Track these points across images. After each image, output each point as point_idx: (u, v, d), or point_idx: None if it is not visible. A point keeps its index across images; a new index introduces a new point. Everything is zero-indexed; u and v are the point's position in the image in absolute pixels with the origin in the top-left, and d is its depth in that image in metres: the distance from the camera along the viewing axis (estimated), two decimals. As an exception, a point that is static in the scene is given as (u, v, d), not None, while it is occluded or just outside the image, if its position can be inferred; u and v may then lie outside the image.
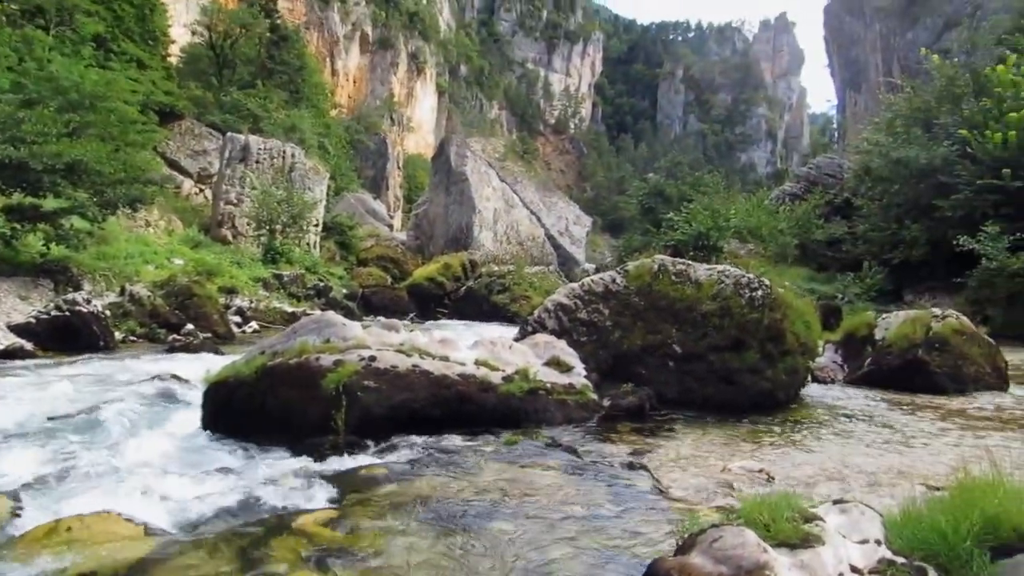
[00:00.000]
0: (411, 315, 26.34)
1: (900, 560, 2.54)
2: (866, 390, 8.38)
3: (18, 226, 14.22)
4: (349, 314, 22.31)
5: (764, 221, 28.03)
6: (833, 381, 8.97)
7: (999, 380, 8.56)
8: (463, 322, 23.85)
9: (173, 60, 39.12)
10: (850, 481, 4.45)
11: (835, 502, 3.01)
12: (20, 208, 14.08)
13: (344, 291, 27.98)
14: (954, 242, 19.29)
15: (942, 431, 6.00)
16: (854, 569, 2.54)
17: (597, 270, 40.56)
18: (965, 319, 9.02)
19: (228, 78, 41.53)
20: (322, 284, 26.45)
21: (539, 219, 46.43)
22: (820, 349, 8.77)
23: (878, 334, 9.18)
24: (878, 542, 2.67)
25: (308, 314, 20.90)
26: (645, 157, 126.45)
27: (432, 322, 23.72)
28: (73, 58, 23.27)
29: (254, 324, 18.50)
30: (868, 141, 26.19)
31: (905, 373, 8.38)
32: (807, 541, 2.64)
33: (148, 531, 3.40)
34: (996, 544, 2.45)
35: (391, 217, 61.71)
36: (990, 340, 8.99)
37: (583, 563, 3.11)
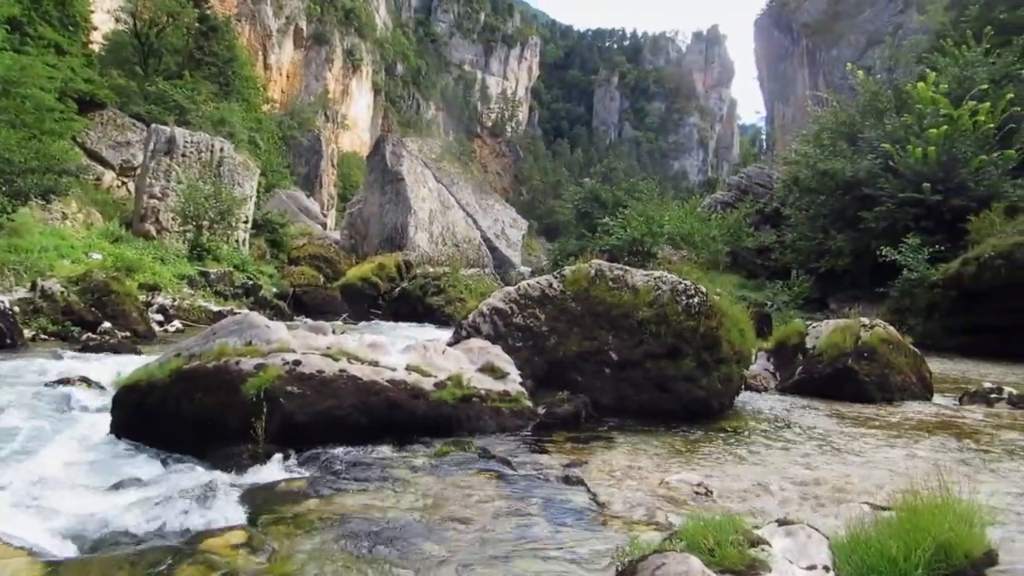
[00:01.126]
0: (344, 316, 25.75)
1: (850, 587, 2.42)
2: (798, 398, 8.44)
3: (-83, 215, 13.26)
4: (279, 314, 21.66)
5: (697, 228, 28.48)
6: (766, 389, 9.02)
7: (924, 389, 8.75)
8: (397, 324, 23.42)
9: (95, 47, 37.32)
10: (788, 494, 4.38)
11: (780, 523, 2.89)
12: (-81, 196, 13.13)
13: (274, 290, 27.17)
14: (877, 253, 19.92)
15: (875, 441, 6.03)
16: (803, 597, 2.41)
17: (533, 273, 40.63)
18: (892, 329, 9.21)
19: (154, 68, 39.90)
20: (251, 283, 25.58)
21: (475, 221, 46.23)
22: (753, 357, 8.80)
23: (809, 343, 9.28)
24: (826, 568, 2.56)
25: (236, 313, 20.26)
26: (581, 162, 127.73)
27: (365, 323, 23.22)
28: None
29: (177, 323, 17.69)
30: (796, 152, 26.90)
31: (835, 382, 8.48)
32: (753, 568, 2.51)
33: (32, 555, 3.04)
34: (948, 572, 2.36)
35: (325, 215, 60.52)
36: (915, 350, 9.19)
37: (518, 588, 2.91)
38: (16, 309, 12.85)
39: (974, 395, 8.53)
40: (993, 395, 8.36)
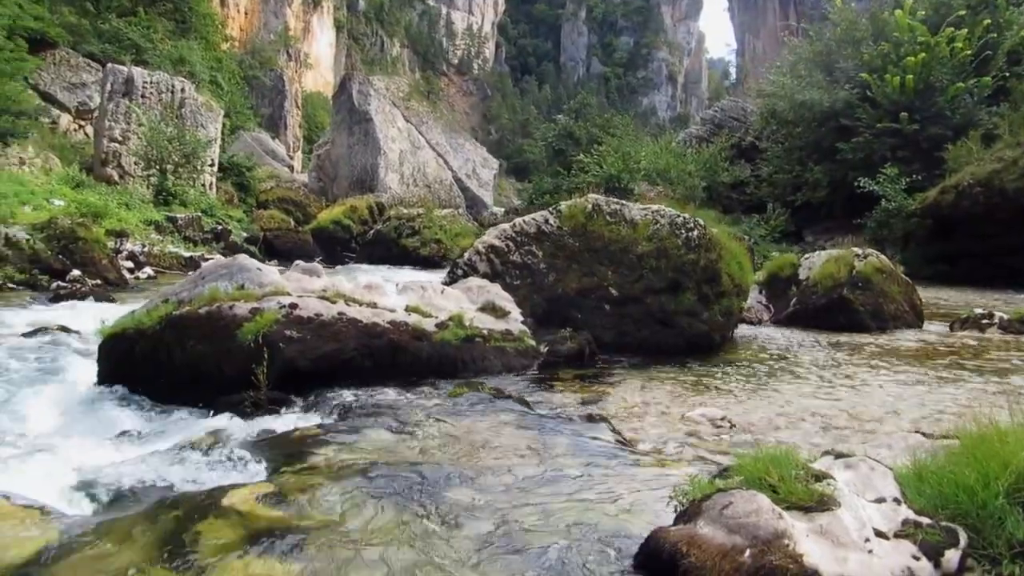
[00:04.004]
0: (318, 259, 25.29)
1: (925, 521, 2.32)
2: (794, 330, 8.43)
3: None
4: (252, 259, 21.18)
5: (672, 164, 28.24)
6: (760, 322, 9.00)
7: (916, 318, 8.80)
8: (373, 266, 23.06)
9: (41, -19, 35.33)
10: (811, 425, 4.31)
11: (837, 455, 2.78)
12: None
13: (244, 235, 26.52)
14: (854, 184, 19.93)
15: (882, 370, 6.01)
16: (878, 533, 2.30)
17: (506, 213, 40.31)
18: (885, 258, 9.20)
19: (105, 4, 37.96)
20: (220, 227, 24.94)
21: (446, 161, 45.40)
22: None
23: (802, 274, 9.25)
24: (896, 500, 2.45)
25: (207, 259, 19.76)
26: (549, 100, 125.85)
27: (341, 267, 22.85)
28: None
29: (148, 270, 17.20)
30: (774, 84, 26.59)
31: (830, 312, 8.48)
32: (822, 503, 2.38)
33: (43, 516, 2.83)
34: (1032, 500, 2.26)
35: (291, 158, 59.05)
36: (907, 279, 9.20)
37: (562, 534, 2.77)
38: (-21, 259, 12.34)
39: (965, 321, 8.59)
40: (984, 321, 8.42)
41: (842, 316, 8.38)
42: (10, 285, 12.79)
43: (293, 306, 5.46)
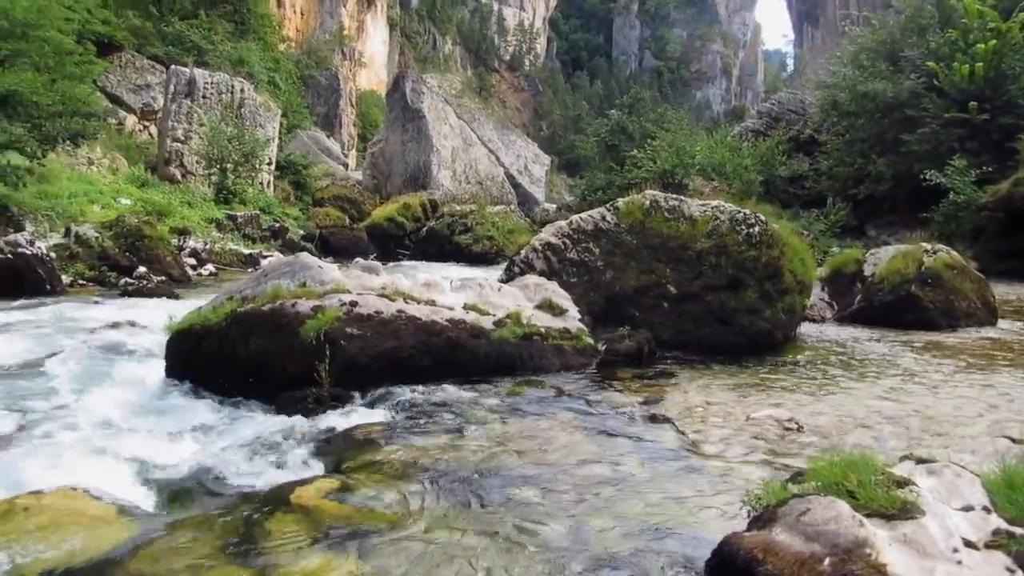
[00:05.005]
0: (372, 256, 25.60)
1: (1019, 531, 2.20)
2: (859, 328, 8.19)
3: (-51, 164, 13.11)
4: (313, 257, 21.55)
5: (728, 158, 27.69)
6: (823, 319, 8.76)
7: (989, 315, 8.46)
8: (427, 263, 23.26)
9: (107, -13, 36.55)
10: (884, 429, 4.16)
11: (918, 460, 2.67)
12: (-50, 144, 12.96)
13: (301, 232, 27.01)
14: (921, 176, 19.24)
15: (956, 370, 5.78)
16: (967, 543, 2.19)
17: (558, 209, 40.16)
18: (956, 254, 8.86)
19: (168, 7, 39.02)
20: (278, 225, 25.45)
21: (498, 158, 45.47)
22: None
23: (867, 270, 8.96)
24: (986, 509, 2.34)
25: (265, 256, 20.20)
26: (601, 95, 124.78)
27: (394, 263, 23.09)
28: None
29: (210, 266, 17.65)
30: (835, 75, 25.83)
31: (897, 309, 8.20)
32: (905, 510, 2.29)
33: (121, 511, 2.91)
34: None
35: (346, 156, 59.86)
36: (980, 275, 8.85)
37: (632, 537, 2.73)
38: (53, 255, 12.80)
39: (1042, 320, 8.22)
40: (1063, 320, 8.04)
41: (910, 314, 8.09)
42: (80, 281, 13.28)
43: (354, 304, 5.51)
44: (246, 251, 20.64)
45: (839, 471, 2.51)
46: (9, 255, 11.33)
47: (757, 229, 7.21)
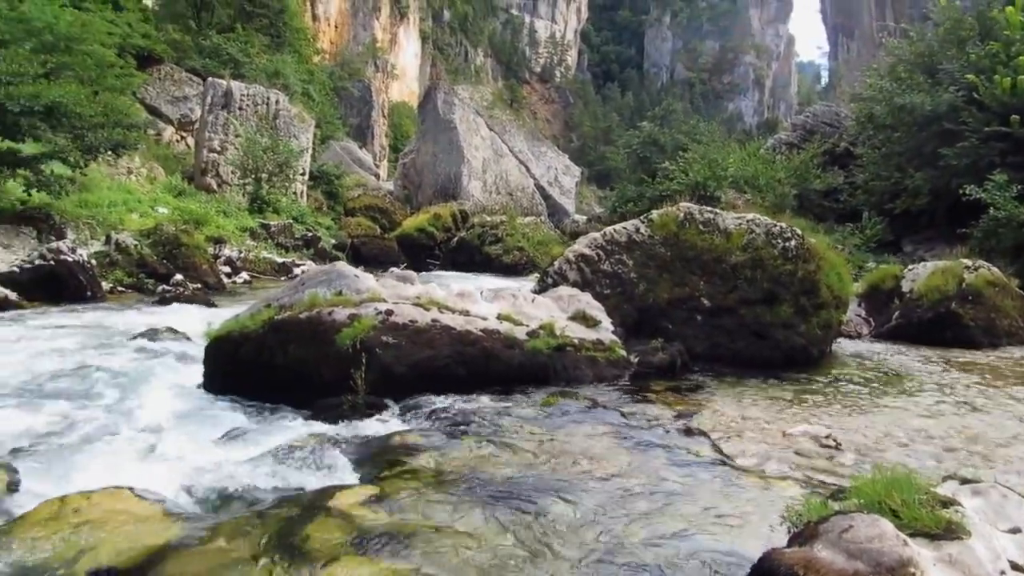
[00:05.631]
0: (402, 266, 25.81)
1: (1069, 554, 2.16)
2: (896, 345, 8.06)
3: (-3, 172, 13.48)
4: (349, 266, 21.78)
5: (761, 171, 27.46)
6: (859, 336, 8.65)
7: (1031, 333, 8.27)
8: (456, 273, 23.36)
9: (148, 2, 37.44)
10: (925, 448, 4.10)
11: (963, 481, 2.63)
12: (-2, 153, 13.31)
13: (333, 241, 27.34)
14: (960, 191, 18.89)
15: (995, 388, 5.68)
16: (1014, 566, 2.15)
17: (588, 221, 40.10)
18: (997, 270, 8.70)
19: (207, 21, 39.87)
20: (310, 234, 25.78)
21: (528, 169, 45.60)
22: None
23: (905, 286, 8.84)
24: (1034, 531, 2.30)
25: (298, 265, 20.45)
26: (632, 106, 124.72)
27: (425, 273, 23.22)
28: (46, -2, 22.06)
29: (244, 275, 17.93)
30: (871, 87, 25.49)
31: (937, 327, 8.07)
32: (950, 531, 2.26)
33: (166, 511, 2.97)
34: None
35: (377, 166, 60.46)
36: (1022, 292, 8.67)
37: (669, 550, 2.72)
38: (93, 262, 13.11)
39: (1088, 340, 8.03)
40: (1110, 339, 7.85)
41: (950, 331, 7.95)
42: (119, 288, 13.57)
43: (389, 312, 5.57)
44: (279, 260, 20.93)
45: (882, 489, 2.48)
46: (52, 262, 11.62)
47: (793, 243, 7.15)
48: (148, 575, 2.52)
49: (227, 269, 17.78)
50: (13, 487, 3.29)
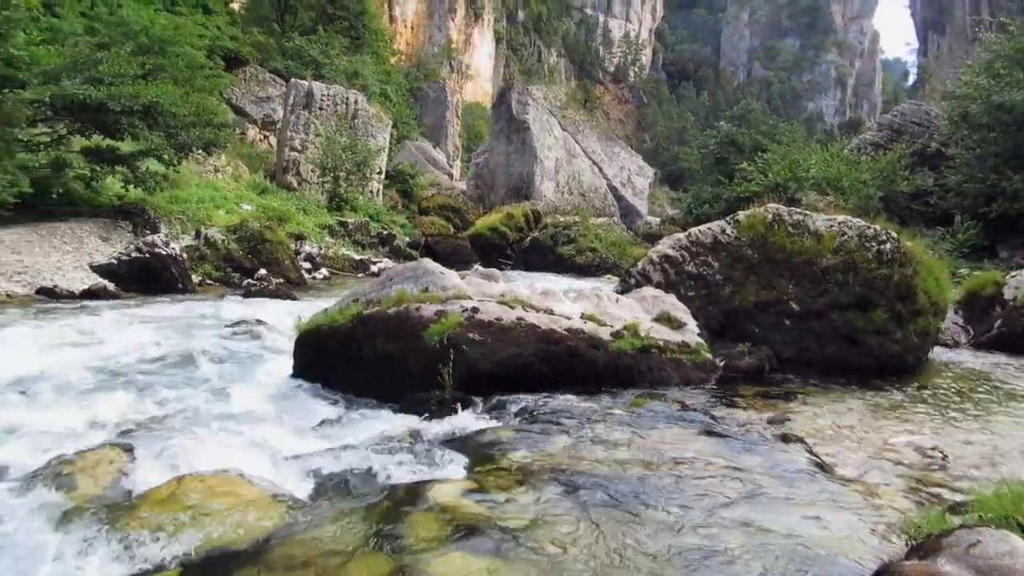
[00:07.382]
0: (475, 265, 26.01)
1: None
2: (998, 355, 7.68)
3: (97, 168, 14.19)
4: (434, 263, 22.11)
5: (844, 172, 26.57)
6: (957, 344, 8.28)
7: None
8: (529, 273, 23.40)
9: (235, 6, 38.84)
10: (1041, 462, 3.88)
11: (1097, 498, 2.47)
12: (99, 150, 14.03)
13: (407, 239, 27.79)
14: (1064, 195, 17.89)
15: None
16: None
17: (662, 223, 39.59)
18: (1110, 278, 8.18)
19: (290, 24, 41.10)
20: (386, 232, 26.26)
21: (601, 170, 45.34)
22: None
23: (1008, 293, 8.41)
24: None
25: (374, 262, 20.86)
26: (707, 106, 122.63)
27: (498, 272, 23.31)
28: (142, 3, 23.14)
29: (324, 271, 18.41)
30: (966, 84, 24.36)
31: (1043, 337, 7.64)
32: (1089, 550, 2.13)
33: (274, 496, 3.07)
34: None
35: (451, 166, 61.17)
36: None
37: (774, 558, 2.65)
38: (184, 256, 13.69)
39: None
40: None
41: (1057, 341, 7.54)
42: (208, 281, 14.13)
43: (475, 310, 5.61)
44: (357, 257, 21.39)
45: (1009, 504, 2.37)
46: (147, 255, 12.19)
47: (889, 246, 6.89)
48: (260, 558, 2.61)
49: (307, 265, 18.28)
50: (128, 468, 3.44)
